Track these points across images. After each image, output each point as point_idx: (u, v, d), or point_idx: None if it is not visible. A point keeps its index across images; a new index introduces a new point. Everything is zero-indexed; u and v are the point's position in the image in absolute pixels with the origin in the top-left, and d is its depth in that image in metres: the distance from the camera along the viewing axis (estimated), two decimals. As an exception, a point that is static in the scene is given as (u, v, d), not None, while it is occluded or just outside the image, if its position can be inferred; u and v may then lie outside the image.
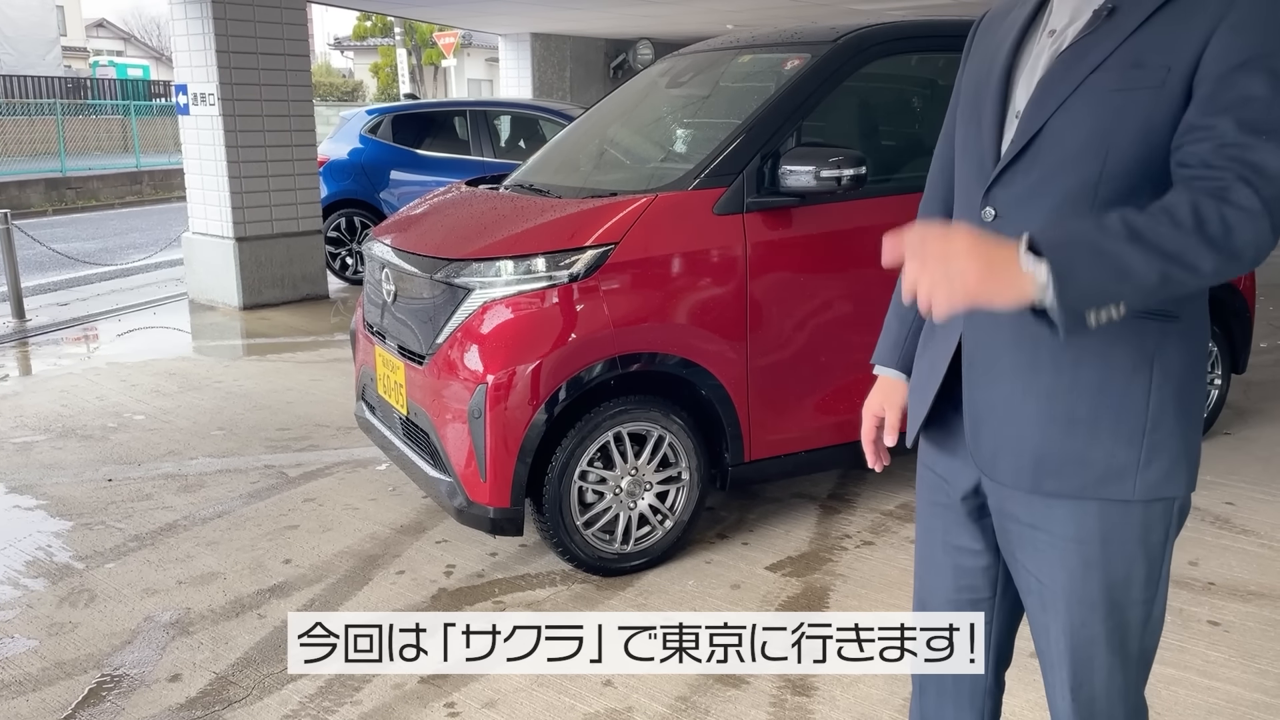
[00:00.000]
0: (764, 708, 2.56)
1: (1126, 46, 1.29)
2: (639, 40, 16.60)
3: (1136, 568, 1.42)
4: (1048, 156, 1.34)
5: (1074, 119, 1.32)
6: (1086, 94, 1.30)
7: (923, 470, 1.63)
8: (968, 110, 1.49)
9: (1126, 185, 1.31)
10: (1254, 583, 3.16)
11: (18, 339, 6.69)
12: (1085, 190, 1.32)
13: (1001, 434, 1.41)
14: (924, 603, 1.67)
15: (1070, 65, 1.33)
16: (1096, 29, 1.32)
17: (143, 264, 9.63)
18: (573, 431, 3.10)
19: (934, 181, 1.66)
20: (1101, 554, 1.40)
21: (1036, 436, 1.38)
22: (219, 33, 7.21)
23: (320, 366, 5.94)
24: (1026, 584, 1.49)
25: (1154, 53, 1.27)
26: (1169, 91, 1.25)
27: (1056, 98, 1.33)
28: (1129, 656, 1.48)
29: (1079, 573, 1.42)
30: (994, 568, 1.57)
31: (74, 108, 21.83)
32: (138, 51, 42.86)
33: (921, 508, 1.66)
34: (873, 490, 3.93)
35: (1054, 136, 1.33)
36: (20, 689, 2.69)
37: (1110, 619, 1.44)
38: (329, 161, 8.43)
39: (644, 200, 3.18)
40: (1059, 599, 1.44)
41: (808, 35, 3.71)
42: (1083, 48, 1.32)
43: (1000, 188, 1.38)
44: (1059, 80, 1.33)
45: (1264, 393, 5.08)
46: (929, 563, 1.64)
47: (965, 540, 1.56)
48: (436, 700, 2.60)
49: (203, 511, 3.83)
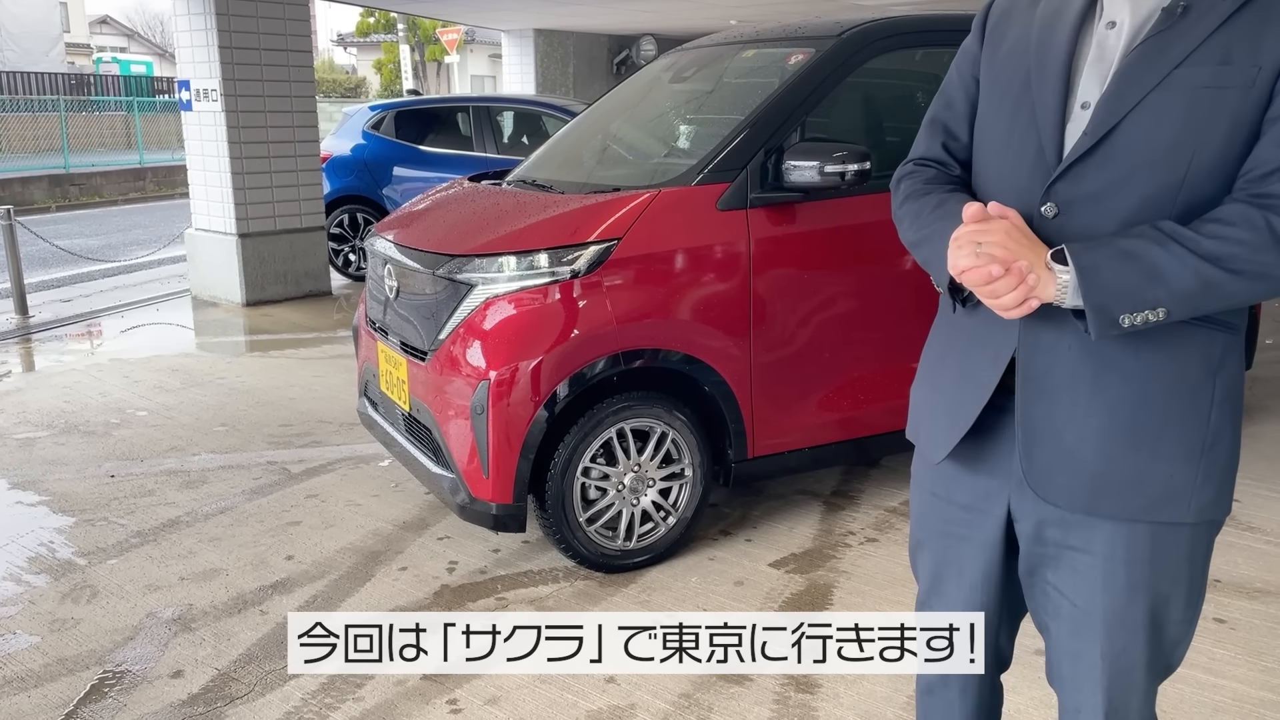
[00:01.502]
0: (767, 705, 2.55)
1: (1214, 41, 1.24)
2: (642, 36, 16.57)
3: (1179, 589, 1.39)
4: (1127, 154, 1.27)
5: (1159, 115, 1.25)
6: (1173, 89, 1.25)
7: (935, 502, 1.55)
8: (1010, 100, 1.40)
9: (1210, 189, 1.26)
10: (1260, 580, 3.15)
11: (21, 335, 6.69)
12: (1168, 192, 1.27)
13: (1059, 451, 1.35)
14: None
15: (1152, 58, 1.26)
16: (1175, 24, 1.26)
17: (146, 260, 9.64)
18: (575, 428, 3.09)
19: (940, 159, 1.53)
20: (1149, 576, 1.36)
21: (1096, 454, 1.33)
22: (222, 29, 7.20)
23: (323, 363, 5.93)
24: (1056, 607, 1.44)
25: (1243, 50, 1.23)
26: (1259, 91, 1.22)
27: (1137, 92, 1.26)
28: (1160, 674, 1.45)
29: (1124, 596, 1.37)
30: (1001, 592, 1.53)
31: (77, 104, 21.83)
32: (141, 48, 42.91)
33: (929, 540, 1.58)
34: (877, 487, 3.92)
35: (1135, 133, 1.26)
36: (22, 685, 2.68)
37: (1151, 642, 1.40)
38: (332, 158, 8.42)
39: (647, 196, 3.16)
40: (1096, 623, 1.39)
41: (812, 30, 3.70)
42: (1162, 41, 1.26)
43: (1066, 183, 1.30)
44: (1138, 73, 1.26)
45: (1270, 389, 5.06)
46: (940, 596, 1.58)
47: (979, 573, 1.51)
48: (439, 697, 2.60)
49: (205, 507, 3.83)
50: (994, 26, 1.48)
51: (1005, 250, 1.26)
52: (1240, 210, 1.23)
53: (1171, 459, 1.32)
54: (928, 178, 1.52)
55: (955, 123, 1.52)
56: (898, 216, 1.53)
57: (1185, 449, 1.33)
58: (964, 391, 1.42)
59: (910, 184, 1.53)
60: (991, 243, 1.27)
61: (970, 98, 1.50)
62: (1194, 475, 1.33)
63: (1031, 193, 1.34)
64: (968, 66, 1.51)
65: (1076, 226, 1.30)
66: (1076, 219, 1.30)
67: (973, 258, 1.27)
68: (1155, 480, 1.33)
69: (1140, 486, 1.33)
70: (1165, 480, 1.33)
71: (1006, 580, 1.52)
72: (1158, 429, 1.32)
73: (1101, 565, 1.37)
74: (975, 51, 1.50)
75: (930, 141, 1.55)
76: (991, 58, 1.46)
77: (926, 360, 1.57)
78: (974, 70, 1.49)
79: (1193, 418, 1.32)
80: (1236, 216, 1.22)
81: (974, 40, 1.51)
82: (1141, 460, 1.32)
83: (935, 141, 1.54)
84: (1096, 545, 1.37)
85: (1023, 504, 1.41)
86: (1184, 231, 1.23)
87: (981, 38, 1.49)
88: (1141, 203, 1.27)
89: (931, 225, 1.42)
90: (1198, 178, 1.25)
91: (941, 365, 1.50)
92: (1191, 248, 1.21)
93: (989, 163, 1.45)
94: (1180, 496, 1.33)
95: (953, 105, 1.53)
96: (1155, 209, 1.27)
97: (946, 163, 1.53)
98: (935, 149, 1.54)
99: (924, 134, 1.57)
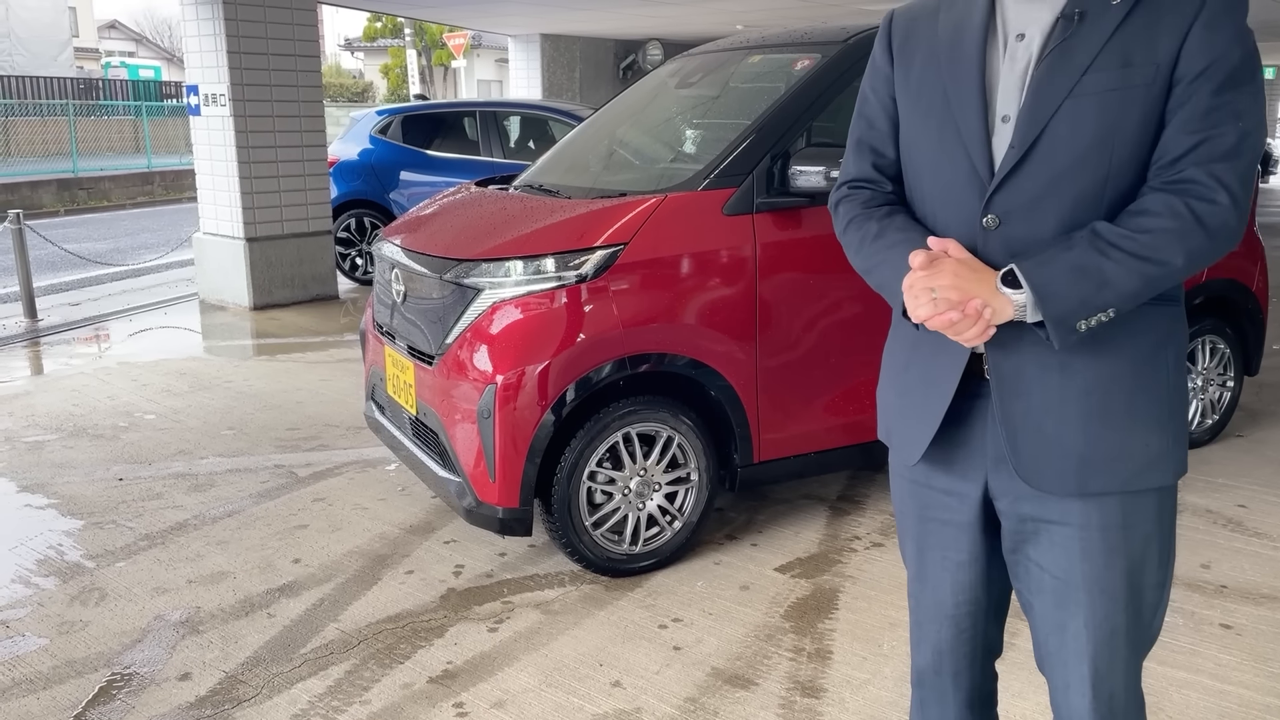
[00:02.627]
0: (773, 709, 2.55)
1: (1113, 45, 1.33)
2: (648, 41, 16.60)
3: (1152, 549, 1.46)
4: (1053, 159, 1.35)
5: (1075, 121, 1.34)
6: (1083, 96, 1.33)
7: (914, 488, 1.59)
8: (935, 120, 1.45)
9: (1131, 180, 1.36)
10: (1266, 586, 3.14)
11: (30, 338, 6.72)
12: (1095, 189, 1.36)
13: (1043, 441, 1.41)
14: (920, 622, 1.66)
15: (1059, 69, 1.35)
16: (1074, 32, 1.34)
17: (154, 264, 9.67)
18: (581, 432, 3.09)
19: (871, 179, 1.58)
20: (1124, 539, 1.44)
21: (1079, 436, 1.40)
22: (230, 34, 7.24)
23: (330, 367, 5.95)
24: (1039, 582, 1.49)
25: (1140, 51, 1.32)
26: (1159, 87, 1.32)
27: (1052, 102, 1.34)
28: (1141, 646, 1.51)
29: (1102, 561, 1.44)
30: (986, 573, 1.57)
31: (86, 108, 21.92)
32: (149, 52, 43.05)
33: (914, 526, 1.62)
34: (882, 491, 3.92)
35: (1056, 140, 1.35)
36: (31, 687, 2.70)
37: (1130, 606, 1.46)
38: (339, 162, 8.45)
39: (653, 201, 3.17)
40: (1079, 591, 1.45)
41: (818, 35, 3.71)
42: (1066, 50, 1.35)
43: (1004, 195, 1.38)
44: (1051, 84, 1.35)
45: (1276, 395, 5.05)
46: (926, 581, 1.63)
47: (964, 554, 1.56)
48: (445, 700, 2.60)
49: (213, 511, 3.84)
50: (901, 45, 1.54)
51: (959, 292, 1.34)
52: (1162, 200, 1.32)
53: (1145, 427, 1.41)
54: (863, 200, 1.58)
55: (880, 142, 1.58)
56: (843, 242, 1.60)
57: (1155, 417, 1.42)
58: (930, 397, 1.49)
59: (848, 209, 1.60)
60: (944, 286, 1.35)
61: (890, 116, 1.56)
62: (1167, 440, 1.43)
63: (970, 207, 1.41)
64: (882, 85, 1.56)
65: (1018, 233, 1.38)
66: (1017, 225, 1.38)
67: (930, 306, 1.35)
68: (1135, 451, 1.41)
69: (1123, 460, 1.41)
70: (1143, 449, 1.41)
71: (990, 563, 1.56)
72: (1128, 402, 1.40)
73: (1078, 535, 1.44)
74: (887, 70, 1.55)
75: (860, 163, 1.61)
76: (905, 77, 1.52)
77: (889, 365, 1.62)
78: (889, 89, 1.55)
79: (1156, 387, 1.42)
80: (1160, 207, 1.31)
81: (884, 59, 1.56)
82: (1118, 435, 1.40)
83: (865, 162, 1.60)
84: (1072, 516, 1.44)
85: (999, 482, 1.47)
86: (1120, 234, 1.32)
87: (890, 56, 1.55)
88: (1074, 202, 1.36)
89: (876, 255, 1.51)
90: (1119, 171, 1.35)
91: (906, 372, 1.55)
92: (1130, 250, 1.31)
93: (923, 181, 1.51)
94: (1159, 462, 1.42)
95: (875, 125, 1.58)
96: (1086, 205, 1.36)
97: (877, 180, 1.59)
98: (865, 169, 1.60)
99: (851, 156, 1.63)
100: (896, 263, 1.44)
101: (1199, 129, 1.31)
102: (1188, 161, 1.31)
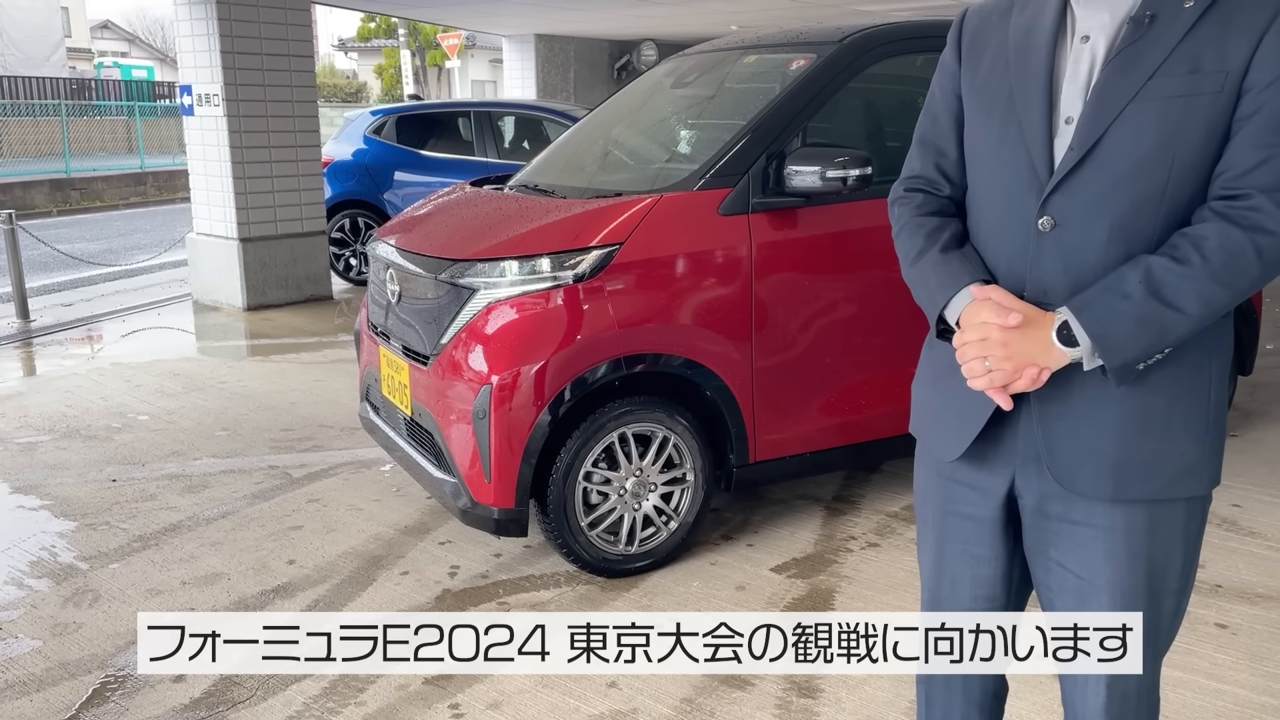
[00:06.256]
0: (769, 709, 2.55)
1: (1182, 50, 1.30)
2: (643, 41, 16.60)
3: (1175, 555, 1.45)
4: (1113, 164, 1.34)
5: (1137, 126, 1.32)
6: (1148, 101, 1.31)
7: (941, 482, 1.59)
8: (997, 118, 1.45)
9: (1192, 189, 1.34)
10: (1261, 585, 3.15)
11: (22, 339, 6.70)
12: (1154, 195, 1.34)
13: (1079, 445, 1.40)
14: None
15: (1125, 72, 1.32)
16: (1143, 35, 1.32)
17: (147, 265, 9.65)
18: (577, 432, 3.09)
19: (931, 179, 1.58)
20: (1148, 545, 1.43)
21: (1115, 442, 1.39)
22: (224, 34, 7.22)
23: (324, 367, 5.94)
24: (1060, 581, 1.49)
25: (1210, 57, 1.29)
26: (1227, 95, 1.29)
27: (1115, 105, 1.33)
28: (1158, 650, 1.50)
29: (1125, 564, 1.43)
30: (1009, 573, 1.56)
31: (79, 109, 21.87)
32: (142, 53, 42.97)
33: (935, 518, 1.62)
34: (878, 492, 3.92)
35: (1117, 144, 1.33)
36: (24, 689, 2.68)
37: (1149, 611, 1.46)
38: (333, 162, 8.43)
39: (649, 201, 3.17)
40: (1100, 593, 1.45)
41: (813, 36, 3.71)
42: (1134, 54, 1.32)
43: (1061, 196, 1.37)
44: (1115, 87, 1.33)
45: (1271, 395, 5.06)
46: (944, 573, 1.62)
47: (985, 549, 1.55)
48: (440, 701, 2.60)
49: (207, 512, 3.83)
50: (970, 44, 1.53)
51: (1012, 362, 1.36)
52: (1224, 233, 1.29)
53: (1183, 437, 1.40)
54: (916, 205, 1.59)
55: (943, 140, 1.58)
56: (896, 244, 1.62)
57: (1194, 427, 1.40)
58: (972, 397, 1.46)
59: (901, 212, 1.61)
60: (997, 359, 1.37)
61: (955, 114, 1.55)
62: (1204, 450, 1.42)
63: (1026, 208, 1.41)
64: (949, 83, 1.56)
65: (1072, 237, 1.37)
66: (1072, 229, 1.37)
67: (986, 379, 1.38)
68: (1170, 460, 1.40)
69: (1159, 468, 1.40)
70: (1179, 459, 1.40)
71: (1011, 562, 1.56)
72: (1168, 410, 1.39)
73: (1103, 537, 1.43)
74: (955, 69, 1.55)
75: (922, 160, 1.61)
76: (972, 76, 1.52)
77: (931, 363, 1.60)
78: (955, 87, 1.55)
79: (1197, 397, 1.40)
80: (1222, 241, 1.29)
81: (952, 57, 1.56)
82: (1154, 443, 1.39)
83: (928, 160, 1.60)
84: (1098, 518, 1.43)
85: (1026, 479, 1.47)
86: (1178, 281, 1.29)
87: (959, 55, 1.55)
88: (1131, 207, 1.35)
89: (915, 274, 1.55)
90: (1180, 179, 1.33)
91: (947, 370, 1.51)
92: (1192, 295, 1.29)
93: (982, 178, 1.50)
94: (1194, 472, 1.41)
95: (939, 122, 1.58)
96: (1144, 211, 1.34)
97: (936, 182, 1.58)
98: (927, 168, 1.60)
99: (915, 152, 1.63)
100: (933, 292, 1.49)
101: (1268, 144, 1.28)
102: (1253, 183, 1.29)
